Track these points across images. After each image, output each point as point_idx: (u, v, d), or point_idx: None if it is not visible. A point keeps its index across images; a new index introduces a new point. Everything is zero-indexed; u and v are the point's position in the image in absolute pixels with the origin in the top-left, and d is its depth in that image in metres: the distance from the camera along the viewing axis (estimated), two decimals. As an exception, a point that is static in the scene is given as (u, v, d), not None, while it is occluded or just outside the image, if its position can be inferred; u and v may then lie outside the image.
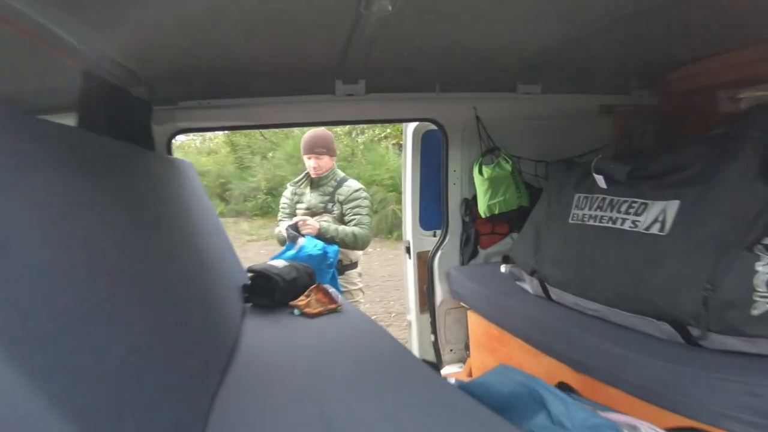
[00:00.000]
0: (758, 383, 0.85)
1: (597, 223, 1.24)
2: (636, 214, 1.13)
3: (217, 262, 1.46)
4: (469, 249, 2.13)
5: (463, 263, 2.15)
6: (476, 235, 2.12)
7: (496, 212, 1.98)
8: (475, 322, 1.91)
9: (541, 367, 1.36)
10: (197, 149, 11.00)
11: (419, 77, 1.76)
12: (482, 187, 2.01)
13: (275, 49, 1.29)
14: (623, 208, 1.17)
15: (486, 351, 1.83)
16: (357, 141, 9.04)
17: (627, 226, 1.14)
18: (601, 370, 1.15)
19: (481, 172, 2.01)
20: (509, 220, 2.06)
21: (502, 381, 0.94)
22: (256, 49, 1.28)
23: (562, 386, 1.23)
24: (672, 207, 1.06)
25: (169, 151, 1.81)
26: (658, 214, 1.09)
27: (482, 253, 2.16)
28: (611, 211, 1.19)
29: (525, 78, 1.86)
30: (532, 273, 1.49)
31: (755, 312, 0.92)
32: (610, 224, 1.20)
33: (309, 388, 0.92)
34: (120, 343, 0.64)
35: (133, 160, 1.15)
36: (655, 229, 1.08)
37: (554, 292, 1.42)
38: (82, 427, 0.48)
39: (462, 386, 0.97)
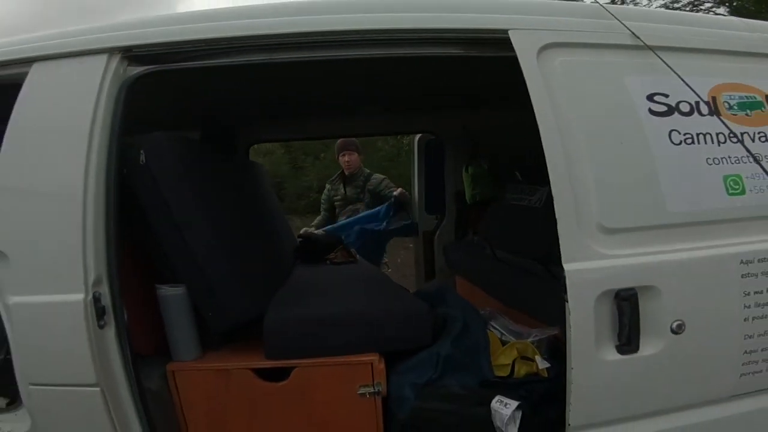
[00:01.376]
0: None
1: (516, 203, 1.96)
2: (530, 195, 1.85)
3: (282, 227, 2.33)
4: (461, 228, 2.88)
5: (456, 239, 2.89)
6: (465, 217, 2.86)
7: (478, 200, 2.72)
8: (462, 284, 2.62)
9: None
10: (255, 150, 12.18)
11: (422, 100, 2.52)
12: (467, 181, 2.75)
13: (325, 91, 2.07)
14: (526, 192, 1.89)
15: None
16: (403, 142, 9.82)
17: (527, 203, 1.86)
18: (512, 300, 1.84)
19: (467, 171, 2.76)
20: (487, 206, 2.79)
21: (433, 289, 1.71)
22: (312, 93, 2.08)
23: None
24: (545, 190, 1.77)
25: (247, 156, 2.71)
26: (540, 195, 1.80)
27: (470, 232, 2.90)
28: (521, 194, 1.92)
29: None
30: (485, 239, 2.23)
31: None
32: (521, 203, 1.91)
33: (328, 288, 1.72)
34: (246, 248, 1.50)
35: (235, 162, 2.03)
36: (537, 204, 1.79)
37: (498, 252, 2.14)
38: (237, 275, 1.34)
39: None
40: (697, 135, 1.18)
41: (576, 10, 1.30)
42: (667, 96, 1.21)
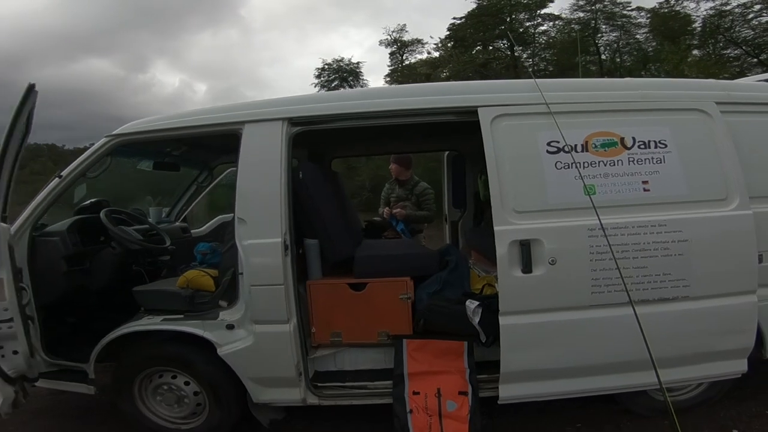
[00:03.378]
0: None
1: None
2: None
3: (352, 214, 3.63)
4: (476, 218, 4.08)
5: (474, 225, 4.10)
6: (480, 211, 4.05)
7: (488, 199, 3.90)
8: (475, 255, 3.82)
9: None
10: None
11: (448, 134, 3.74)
12: (481, 185, 3.95)
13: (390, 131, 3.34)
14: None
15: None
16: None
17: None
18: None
19: (481, 178, 3.95)
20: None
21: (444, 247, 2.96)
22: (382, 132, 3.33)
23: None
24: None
25: (330, 166, 4.06)
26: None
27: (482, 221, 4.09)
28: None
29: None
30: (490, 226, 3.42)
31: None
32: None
33: (384, 246, 3.00)
34: (343, 221, 2.84)
35: (329, 172, 3.36)
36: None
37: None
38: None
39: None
40: (572, 164, 2.34)
41: (519, 86, 2.52)
42: (558, 142, 2.38)
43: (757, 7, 15.75)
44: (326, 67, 24.46)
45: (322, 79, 24.83)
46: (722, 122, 2.48)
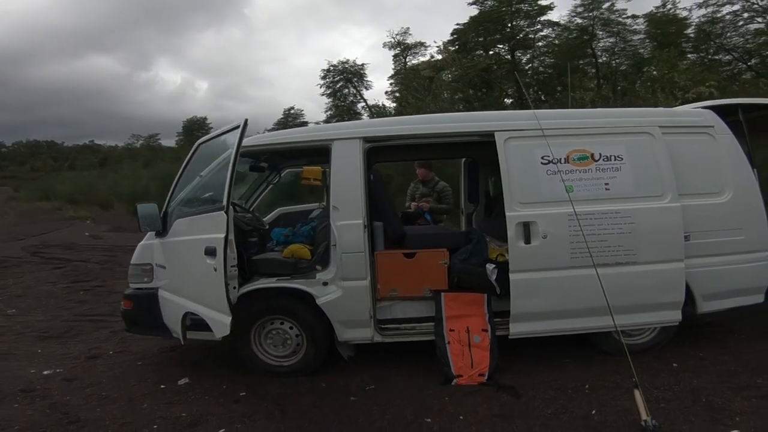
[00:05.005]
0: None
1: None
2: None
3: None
4: (487, 211, 5.34)
5: (485, 216, 5.35)
6: (491, 204, 5.31)
7: (495, 195, 5.16)
8: (488, 239, 5.08)
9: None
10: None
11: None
12: (491, 184, 5.21)
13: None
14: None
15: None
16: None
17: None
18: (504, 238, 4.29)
19: (490, 178, 5.21)
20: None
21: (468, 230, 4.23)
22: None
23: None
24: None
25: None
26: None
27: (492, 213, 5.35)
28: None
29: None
30: (498, 216, 4.67)
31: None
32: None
33: (422, 230, 4.27)
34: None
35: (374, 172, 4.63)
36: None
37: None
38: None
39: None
40: (558, 171, 3.61)
41: (522, 115, 3.80)
42: (549, 156, 3.64)
43: (746, 15, 17.13)
44: (332, 68, 25.68)
45: (327, 80, 26.03)
46: (663, 142, 3.74)
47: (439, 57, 19.39)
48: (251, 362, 3.81)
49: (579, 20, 18.43)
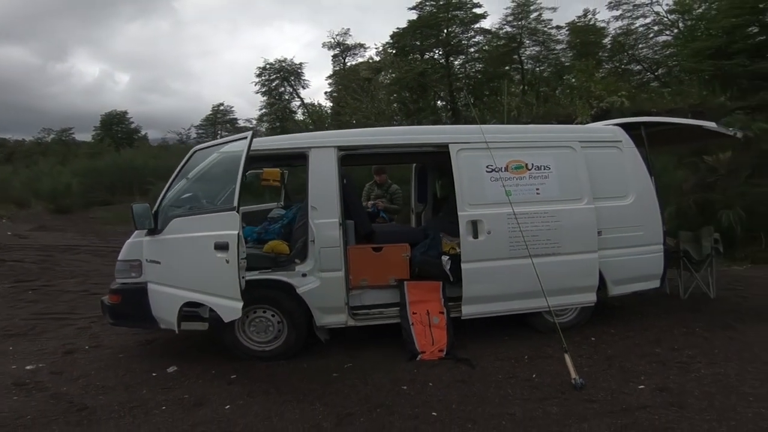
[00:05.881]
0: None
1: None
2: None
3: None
4: (435, 211, 6.13)
5: (433, 215, 6.14)
6: (437, 205, 6.10)
7: (442, 197, 5.95)
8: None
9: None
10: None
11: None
12: (438, 187, 6.01)
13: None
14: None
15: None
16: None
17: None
18: (454, 233, 5.07)
19: (438, 182, 6.01)
20: (446, 200, 6.02)
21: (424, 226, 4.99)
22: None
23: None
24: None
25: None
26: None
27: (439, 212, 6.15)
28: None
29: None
30: (444, 214, 5.45)
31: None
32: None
33: (384, 227, 4.97)
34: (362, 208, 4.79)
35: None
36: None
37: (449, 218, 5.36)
38: None
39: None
40: (500, 178, 4.44)
41: (471, 129, 4.61)
42: (492, 165, 4.45)
43: (656, 28, 19.34)
44: (268, 66, 25.57)
45: (263, 78, 25.89)
46: (582, 153, 4.68)
47: (378, 59, 20.12)
48: (235, 348, 4.30)
49: (509, 29, 19.93)
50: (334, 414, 3.35)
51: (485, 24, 20.25)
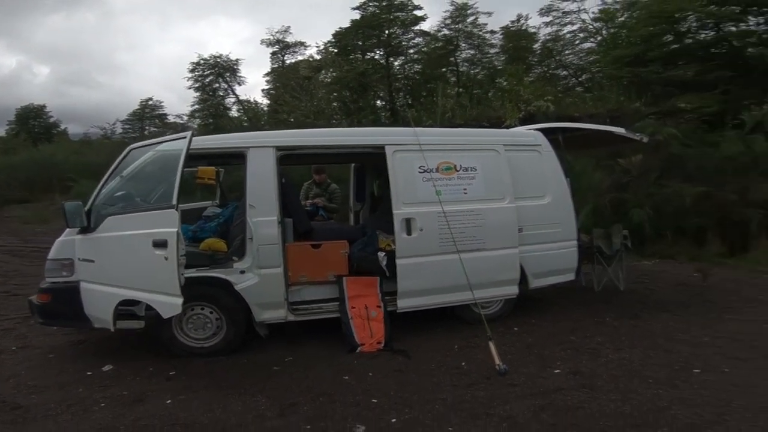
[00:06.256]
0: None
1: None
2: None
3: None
4: (372, 209, 6.42)
5: (371, 213, 6.42)
6: (375, 203, 6.38)
7: (379, 196, 6.24)
8: (373, 234, 6.16)
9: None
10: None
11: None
12: (376, 186, 6.30)
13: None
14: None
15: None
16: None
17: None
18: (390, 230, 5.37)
19: (376, 182, 6.30)
20: (382, 199, 6.31)
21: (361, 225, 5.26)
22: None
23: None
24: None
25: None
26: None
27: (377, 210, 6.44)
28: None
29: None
30: (381, 213, 5.73)
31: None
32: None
33: (323, 225, 5.20)
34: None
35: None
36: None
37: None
38: None
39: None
40: (431, 178, 4.78)
41: (406, 132, 4.92)
42: (425, 166, 4.78)
43: (582, 35, 20.65)
44: (202, 62, 24.82)
45: (196, 73, 25.10)
46: (505, 156, 5.10)
47: (319, 57, 20.18)
48: (173, 345, 4.37)
49: (446, 31, 20.62)
50: (277, 404, 3.52)
51: (425, 26, 20.88)
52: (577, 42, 20.51)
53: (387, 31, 19.67)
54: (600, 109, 12.83)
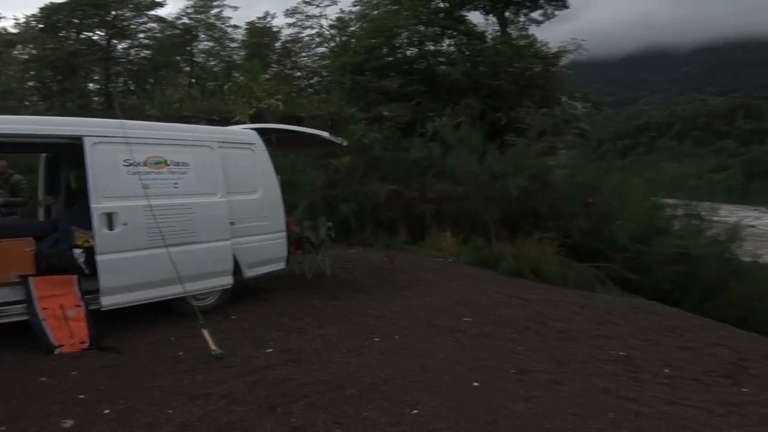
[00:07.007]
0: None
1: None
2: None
3: None
4: (70, 202, 5.95)
5: (67, 208, 5.93)
6: (71, 196, 5.93)
7: (75, 188, 5.84)
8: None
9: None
10: None
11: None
12: (72, 178, 5.86)
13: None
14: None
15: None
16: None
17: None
18: (83, 224, 5.13)
19: (72, 173, 5.85)
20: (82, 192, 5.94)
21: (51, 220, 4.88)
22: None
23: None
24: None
25: None
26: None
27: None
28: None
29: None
30: (78, 206, 5.42)
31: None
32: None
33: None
34: None
35: None
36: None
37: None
38: None
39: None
40: (138, 172, 4.75)
41: (111, 123, 4.79)
42: (131, 159, 4.74)
43: (318, 39, 22.20)
44: None
45: None
46: (219, 152, 5.41)
47: (16, 32, 16.76)
48: None
49: (187, 20, 19.64)
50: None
51: (162, 12, 19.48)
52: (313, 45, 22.11)
53: (114, 12, 17.64)
54: (324, 111, 14.16)
